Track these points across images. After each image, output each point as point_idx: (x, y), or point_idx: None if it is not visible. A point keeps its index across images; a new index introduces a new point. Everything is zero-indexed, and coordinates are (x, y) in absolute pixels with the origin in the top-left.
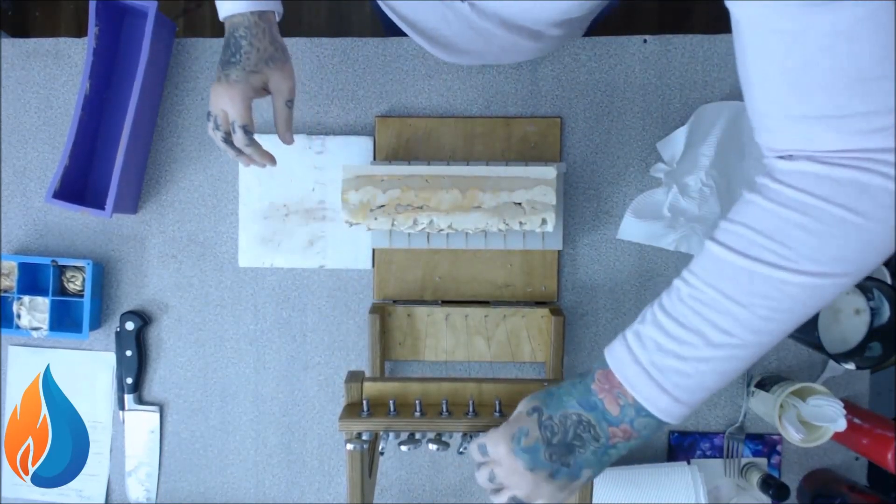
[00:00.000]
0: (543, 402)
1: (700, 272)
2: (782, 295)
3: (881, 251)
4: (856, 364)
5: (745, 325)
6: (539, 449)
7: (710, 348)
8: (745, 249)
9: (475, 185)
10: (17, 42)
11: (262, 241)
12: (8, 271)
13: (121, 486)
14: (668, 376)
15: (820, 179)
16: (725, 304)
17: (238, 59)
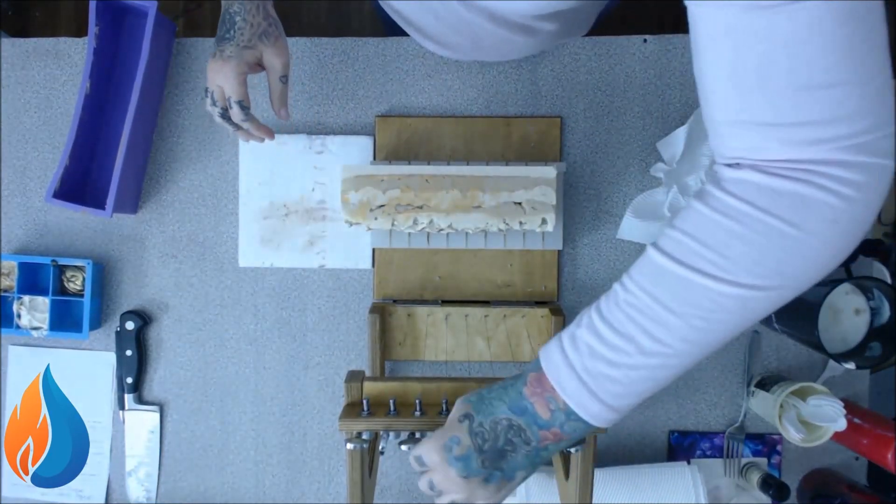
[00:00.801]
0: (475, 407)
1: (638, 277)
2: (717, 306)
3: (819, 267)
4: (856, 364)
5: (679, 334)
6: (471, 457)
7: (642, 356)
8: (683, 258)
9: (475, 185)
10: (17, 42)
11: (262, 241)
12: (8, 271)
13: (121, 486)
14: (600, 382)
15: (762, 190)
16: (660, 313)
17: (232, 35)
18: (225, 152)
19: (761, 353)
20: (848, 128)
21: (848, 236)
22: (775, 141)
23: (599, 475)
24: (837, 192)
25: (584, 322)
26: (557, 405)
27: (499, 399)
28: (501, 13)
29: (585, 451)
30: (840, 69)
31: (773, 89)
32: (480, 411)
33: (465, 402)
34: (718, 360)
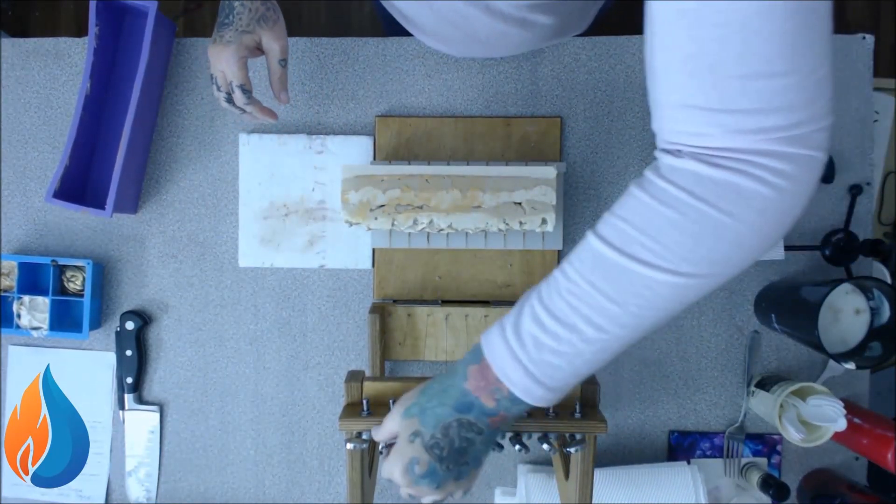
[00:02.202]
0: (421, 422)
1: (578, 265)
2: (654, 294)
3: (748, 254)
4: (856, 364)
5: (618, 321)
6: (435, 469)
7: (584, 343)
8: (622, 245)
9: (475, 185)
10: (17, 42)
11: (262, 241)
12: (8, 271)
13: (121, 486)
14: (544, 370)
15: (700, 179)
16: (601, 301)
17: (231, 19)
18: (225, 152)
19: (761, 353)
20: (787, 118)
21: (776, 225)
22: (718, 127)
23: (599, 475)
24: (770, 182)
25: (526, 312)
26: (502, 394)
27: (441, 405)
28: (496, 4)
29: (585, 451)
30: (785, 60)
31: (722, 75)
32: (427, 423)
33: (408, 419)
34: (718, 359)
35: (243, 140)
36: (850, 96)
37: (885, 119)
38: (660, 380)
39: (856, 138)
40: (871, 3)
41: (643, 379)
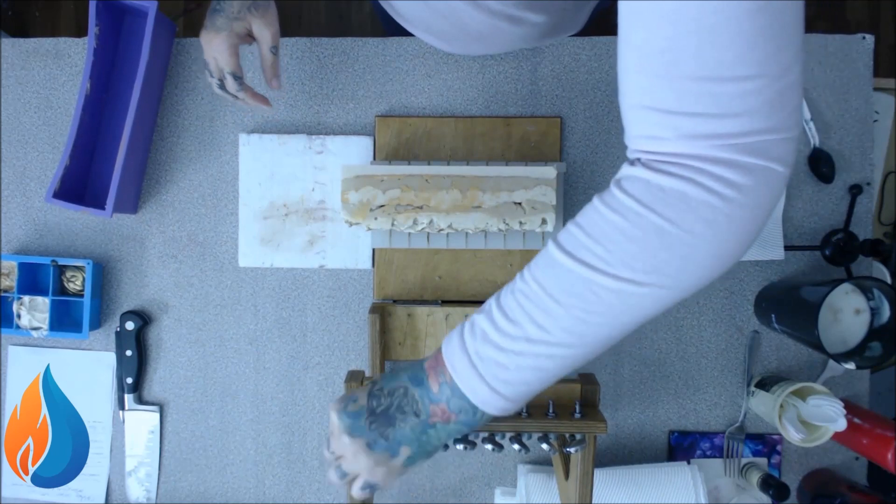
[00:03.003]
0: (384, 376)
1: (534, 268)
2: (597, 298)
3: (700, 267)
4: (856, 364)
5: (561, 324)
6: (361, 415)
7: (527, 343)
8: (572, 249)
9: (475, 185)
10: (17, 42)
11: (262, 241)
12: (8, 271)
13: (121, 486)
14: (488, 366)
15: (649, 187)
16: (545, 301)
17: (222, 6)
18: (225, 152)
19: (761, 353)
20: (744, 125)
21: (729, 239)
22: (672, 130)
23: (599, 475)
24: (719, 192)
25: (484, 308)
26: (445, 379)
27: (404, 370)
28: (485, 3)
29: (585, 452)
30: (745, 63)
31: (678, 75)
32: (385, 378)
33: (380, 373)
34: (718, 360)
35: (243, 140)
36: (850, 96)
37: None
38: (660, 380)
39: (856, 138)
40: (871, 3)
41: (643, 379)
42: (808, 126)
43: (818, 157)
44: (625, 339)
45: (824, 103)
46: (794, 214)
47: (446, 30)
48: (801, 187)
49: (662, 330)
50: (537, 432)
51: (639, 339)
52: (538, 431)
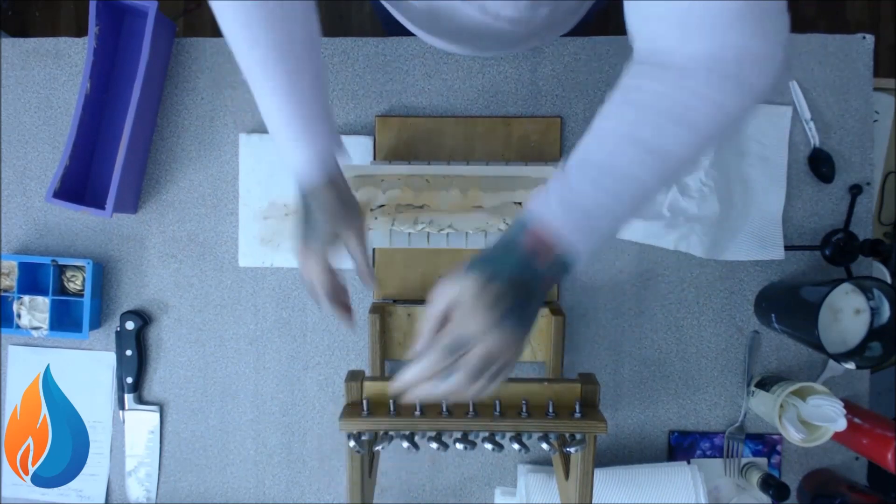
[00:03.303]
0: (491, 270)
1: (624, 117)
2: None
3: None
4: (856, 364)
5: (661, 167)
6: (520, 304)
7: (627, 192)
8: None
9: (475, 185)
10: (17, 42)
11: (262, 241)
12: (8, 271)
13: (121, 486)
14: (586, 214)
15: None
16: (653, 146)
17: (314, 225)
18: (225, 152)
19: (761, 353)
20: None
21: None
22: None
23: (599, 475)
24: None
25: (571, 168)
26: (549, 248)
27: (505, 265)
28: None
29: (585, 451)
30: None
31: None
32: (501, 278)
33: (474, 273)
34: (718, 359)
35: (243, 140)
36: (850, 96)
37: (885, 119)
38: (660, 380)
39: (856, 138)
40: (871, 3)
41: (643, 379)
42: (808, 126)
43: (818, 157)
44: (625, 340)
45: (824, 103)
46: (794, 214)
47: (436, 26)
48: (801, 187)
49: (662, 330)
50: (537, 432)
51: (639, 339)
52: (538, 431)
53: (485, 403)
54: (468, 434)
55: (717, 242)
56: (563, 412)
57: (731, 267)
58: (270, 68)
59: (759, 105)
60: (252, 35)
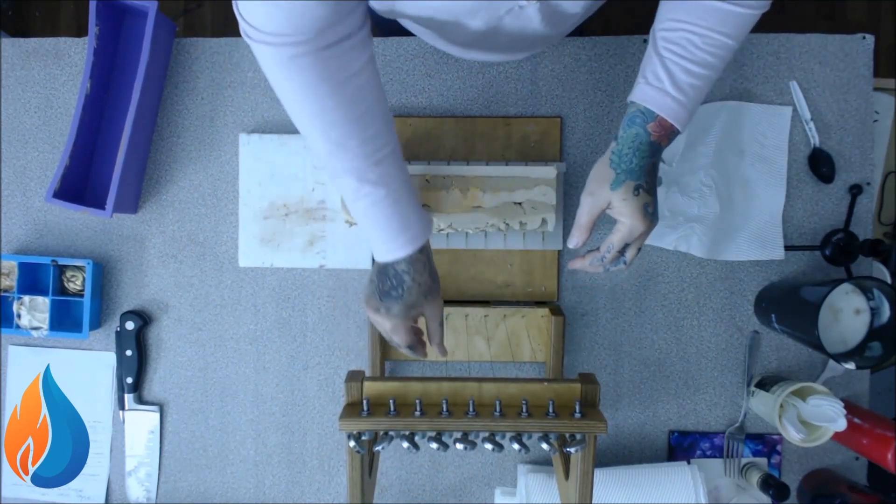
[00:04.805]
0: (633, 178)
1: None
2: (752, 22)
3: None
4: (856, 364)
5: (731, 50)
6: (657, 203)
7: (714, 72)
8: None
9: (475, 185)
10: (17, 42)
11: (262, 241)
12: (8, 271)
13: (121, 486)
14: (695, 103)
15: None
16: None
17: (400, 293)
18: (225, 152)
19: (761, 353)
20: None
21: None
22: None
23: (599, 475)
24: None
25: (677, 70)
26: (673, 132)
27: (641, 159)
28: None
29: (585, 451)
30: None
31: None
32: (638, 176)
33: (621, 184)
34: (718, 360)
35: (243, 140)
36: (850, 96)
37: (885, 119)
38: (660, 380)
39: (856, 138)
40: (871, 3)
41: (643, 379)
42: (808, 126)
43: (818, 157)
44: (625, 340)
45: (824, 103)
46: (794, 214)
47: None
48: (801, 187)
49: (662, 330)
50: (537, 432)
51: (639, 339)
52: (538, 431)
53: (484, 404)
54: (468, 434)
55: (717, 242)
56: (563, 412)
57: (731, 267)
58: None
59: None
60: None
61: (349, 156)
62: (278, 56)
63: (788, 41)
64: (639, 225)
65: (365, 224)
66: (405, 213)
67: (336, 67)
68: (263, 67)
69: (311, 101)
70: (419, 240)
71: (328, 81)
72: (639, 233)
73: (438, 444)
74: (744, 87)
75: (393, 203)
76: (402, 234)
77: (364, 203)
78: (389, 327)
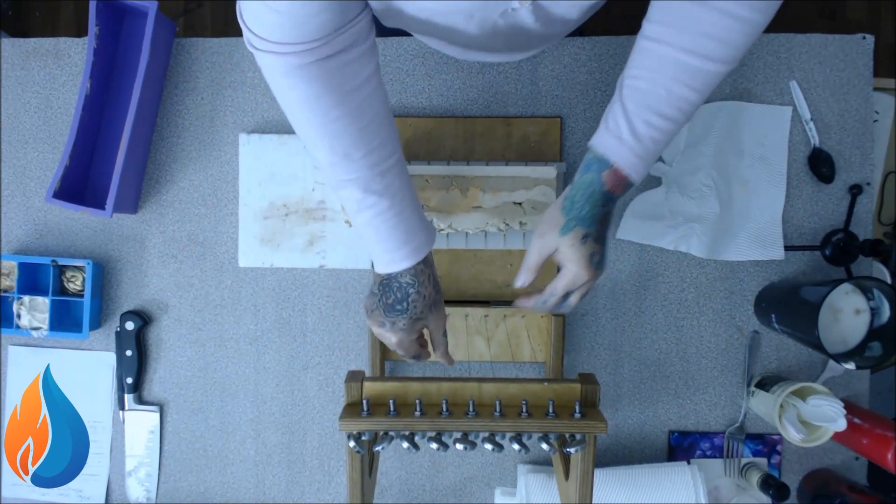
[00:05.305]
0: (583, 226)
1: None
2: (718, 78)
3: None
4: (856, 364)
5: (696, 105)
6: (604, 252)
7: (676, 125)
8: (706, 53)
9: (475, 185)
10: (17, 42)
11: (262, 241)
12: (8, 271)
13: (121, 486)
14: (652, 156)
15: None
16: (693, 97)
17: (405, 307)
18: (225, 152)
19: (761, 353)
20: None
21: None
22: None
23: (599, 475)
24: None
25: (637, 121)
26: (627, 183)
27: (593, 207)
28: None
29: (585, 451)
30: None
31: None
32: (588, 225)
33: (570, 231)
34: (718, 360)
35: (243, 140)
36: (850, 96)
37: (885, 119)
38: (660, 380)
39: (856, 138)
40: (871, 3)
41: (643, 379)
42: (808, 126)
43: (818, 157)
44: (625, 340)
45: (824, 103)
46: (794, 214)
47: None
48: (801, 187)
49: (662, 330)
50: (537, 432)
51: (639, 339)
52: (538, 431)
53: (484, 404)
54: (468, 434)
55: (717, 242)
56: (563, 412)
57: (731, 267)
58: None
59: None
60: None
61: (354, 166)
62: (285, 66)
63: (788, 41)
64: (583, 273)
65: (368, 235)
66: (409, 224)
67: (343, 77)
68: (268, 78)
69: (316, 112)
70: (423, 250)
71: (335, 91)
72: (582, 281)
73: (438, 445)
74: (744, 87)
75: (397, 213)
76: (407, 245)
77: (368, 214)
78: (395, 341)
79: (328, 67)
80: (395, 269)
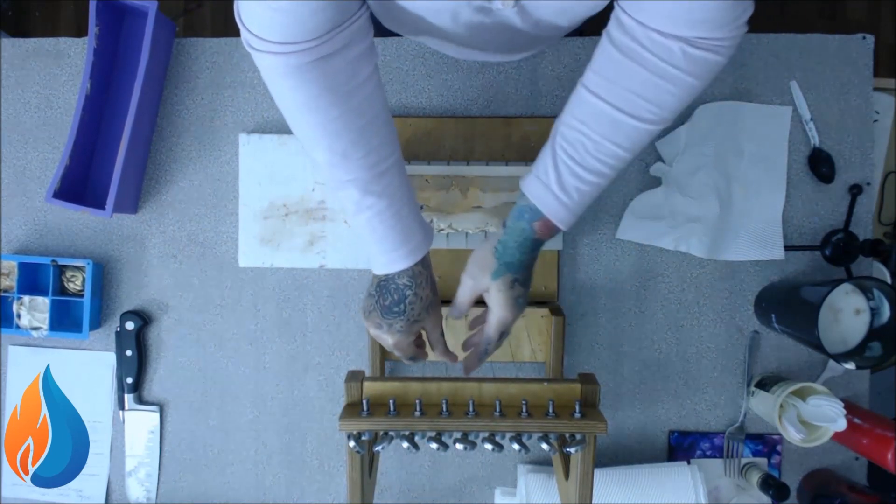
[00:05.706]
0: (512, 272)
1: (602, 130)
2: (647, 137)
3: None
4: (856, 364)
5: (624, 160)
6: (526, 294)
7: (605, 180)
8: (635, 112)
9: (475, 185)
10: (17, 42)
11: (262, 241)
12: (8, 271)
13: (121, 486)
14: (581, 207)
15: (691, 58)
16: (620, 154)
17: (402, 308)
18: (225, 152)
19: (761, 353)
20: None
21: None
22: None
23: (599, 475)
24: (726, 54)
25: (565, 172)
26: (555, 231)
27: (522, 254)
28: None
29: (585, 451)
30: None
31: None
32: (517, 271)
33: (501, 276)
34: (718, 360)
35: (243, 140)
36: (850, 96)
37: (885, 119)
38: (660, 380)
39: (856, 138)
40: (871, 3)
41: (643, 379)
42: (808, 126)
43: (818, 157)
44: (625, 340)
45: (824, 103)
46: (794, 214)
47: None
48: (801, 187)
49: (662, 330)
50: (537, 432)
51: (639, 339)
52: (538, 431)
53: (484, 404)
54: (468, 434)
55: (717, 242)
56: (563, 412)
57: (731, 267)
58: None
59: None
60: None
61: (353, 167)
62: (284, 66)
63: (788, 41)
64: (509, 315)
65: (366, 235)
66: (407, 224)
67: (342, 77)
68: (267, 79)
69: (315, 112)
70: (420, 251)
71: (334, 91)
72: (509, 322)
73: (438, 445)
74: (744, 87)
75: (395, 214)
76: (404, 246)
77: (367, 215)
78: (392, 343)
79: (327, 67)
80: (393, 269)
